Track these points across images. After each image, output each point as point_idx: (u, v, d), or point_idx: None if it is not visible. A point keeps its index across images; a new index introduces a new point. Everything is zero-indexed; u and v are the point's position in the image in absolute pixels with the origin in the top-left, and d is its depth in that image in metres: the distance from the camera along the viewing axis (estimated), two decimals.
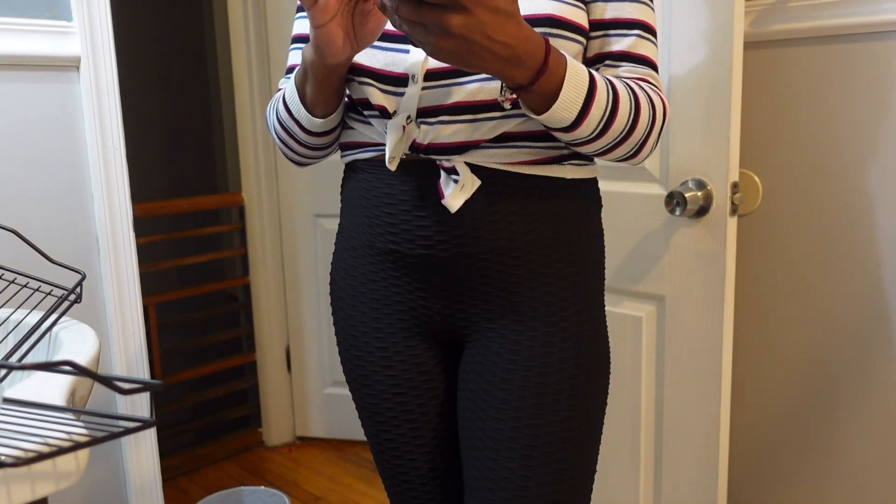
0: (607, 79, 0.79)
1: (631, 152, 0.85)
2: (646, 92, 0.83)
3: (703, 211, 1.27)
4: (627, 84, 0.82)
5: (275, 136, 0.97)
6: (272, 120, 0.96)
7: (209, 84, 3.03)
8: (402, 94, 0.84)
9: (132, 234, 1.45)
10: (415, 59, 0.83)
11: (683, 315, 1.34)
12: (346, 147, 0.94)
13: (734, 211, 1.26)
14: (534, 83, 0.72)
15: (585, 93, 0.75)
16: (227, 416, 2.73)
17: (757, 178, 1.42)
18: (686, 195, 1.25)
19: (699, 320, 1.31)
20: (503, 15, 0.66)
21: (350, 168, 0.95)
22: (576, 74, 0.75)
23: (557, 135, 0.80)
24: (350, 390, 1.02)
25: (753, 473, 1.51)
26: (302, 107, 0.87)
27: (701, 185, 1.27)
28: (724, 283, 1.27)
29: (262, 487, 2.03)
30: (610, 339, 1.18)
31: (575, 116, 0.76)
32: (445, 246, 0.85)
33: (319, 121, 0.88)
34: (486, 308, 0.89)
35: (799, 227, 1.38)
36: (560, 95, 0.74)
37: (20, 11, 1.29)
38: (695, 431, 1.34)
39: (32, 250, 0.95)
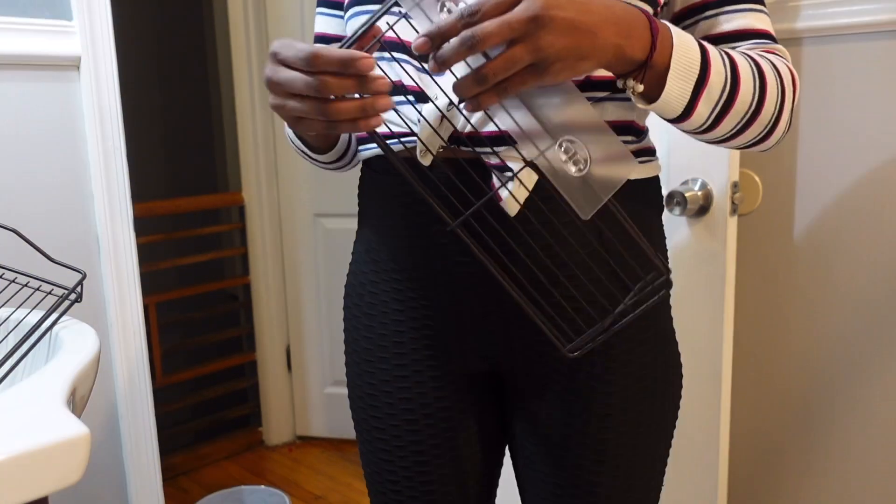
0: (722, 50, 0.68)
1: (761, 135, 0.72)
2: (770, 62, 0.71)
3: (703, 210, 1.27)
4: (746, 55, 0.70)
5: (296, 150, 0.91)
6: (289, 133, 0.90)
7: (209, 84, 3.03)
8: (442, 74, 0.69)
9: (132, 234, 1.45)
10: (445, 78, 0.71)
11: (683, 314, 1.34)
12: (363, 139, 0.83)
13: (734, 211, 1.26)
14: (652, 51, 0.61)
15: (699, 60, 0.64)
16: (228, 416, 2.74)
17: (757, 178, 1.42)
18: (686, 195, 1.25)
19: (699, 320, 1.31)
20: None
21: (369, 166, 0.84)
22: (683, 41, 0.64)
23: (674, 122, 0.68)
24: (357, 427, 0.90)
25: (753, 473, 1.51)
26: (304, 146, 0.83)
27: (701, 184, 1.27)
28: (724, 282, 1.27)
29: (263, 487, 2.03)
30: None
31: (690, 93, 0.64)
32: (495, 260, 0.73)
33: (326, 155, 0.84)
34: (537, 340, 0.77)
35: (799, 227, 1.38)
36: (671, 65, 0.63)
37: (20, 11, 1.29)
38: (695, 431, 1.34)
39: (33, 249, 0.95)
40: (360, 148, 0.84)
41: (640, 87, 0.63)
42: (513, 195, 0.71)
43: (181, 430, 2.63)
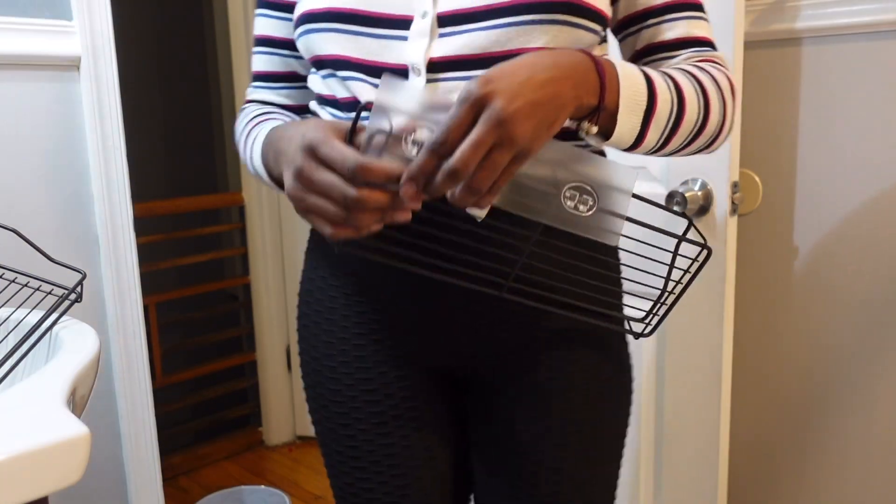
0: (664, 73, 0.71)
1: (707, 143, 0.76)
2: (709, 74, 0.74)
3: (703, 210, 1.27)
4: (686, 72, 0.73)
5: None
6: (244, 154, 0.84)
7: (209, 84, 3.03)
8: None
9: (132, 234, 1.45)
10: (415, 46, 0.71)
11: (683, 314, 1.34)
12: None
13: (734, 210, 1.26)
14: (603, 94, 0.63)
15: (646, 92, 0.66)
16: (228, 416, 2.74)
17: (757, 178, 1.42)
18: (686, 195, 1.25)
19: (699, 320, 1.31)
20: (513, 66, 0.59)
21: None
22: (628, 75, 0.66)
23: (625, 150, 0.71)
24: (318, 432, 0.88)
25: (753, 473, 1.51)
26: (272, 181, 0.78)
27: (701, 184, 1.27)
28: (724, 282, 1.27)
29: (263, 487, 2.03)
30: None
31: (640, 124, 0.67)
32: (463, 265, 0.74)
33: None
34: (503, 337, 0.79)
35: (799, 227, 1.38)
36: (621, 102, 0.65)
37: (20, 11, 1.29)
38: (695, 431, 1.34)
39: (33, 250, 0.95)
40: None
41: (594, 129, 0.65)
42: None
43: (181, 430, 2.63)
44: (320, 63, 0.76)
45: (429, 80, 0.71)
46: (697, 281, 1.31)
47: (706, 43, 0.79)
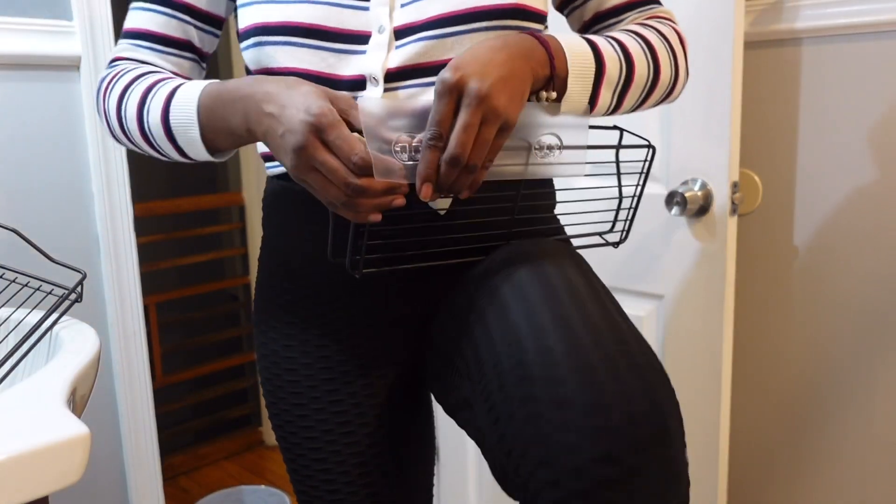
0: (608, 37, 0.75)
1: (664, 95, 0.80)
2: (654, 29, 0.78)
3: (703, 210, 1.27)
4: (631, 31, 0.77)
5: (112, 121, 0.79)
6: (118, 109, 0.77)
7: None
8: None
9: (133, 234, 1.45)
10: (373, 58, 0.72)
11: (683, 314, 1.34)
12: (271, 157, 0.81)
13: (734, 210, 1.26)
14: (553, 62, 0.68)
15: (592, 56, 0.70)
16: (228, 416, 2.74)
17: (757, 178, 1.42)
18: (686, 195, 1.25)
19: (699, 320, 1.31)
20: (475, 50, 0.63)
21: (278, 177, 0.83)
22: (572, 44, 0.70)
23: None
24: (280, 436, 0.89)
25: (753, 473, 1.51)
26: (201, 144, 0.72)
27: (701, 184, 1.27)
28: (724, 282, 1.27)
29: (263, 486, 2.03)
30: None
31: (591, 86, 0.71)
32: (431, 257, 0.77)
33: (211, 157, 0.74)
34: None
35: (799, 227, 1.38)
36: (569, 69, 0.69)
37: (20, 11, 1.29)
38: (695, 431, 1.34)
39: (33, 250, 0.95)
40: (270, 165, 0.82)
41: (554, 95, 0.70)
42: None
43: (181, 430, 2.63)
44: (267, 74, 0.74)
45: (386, 90, 0.72)
46: (698, 281, 1.31)
47: (651, 1, 0.83)
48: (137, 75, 0.78)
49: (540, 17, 0.76)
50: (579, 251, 0.81)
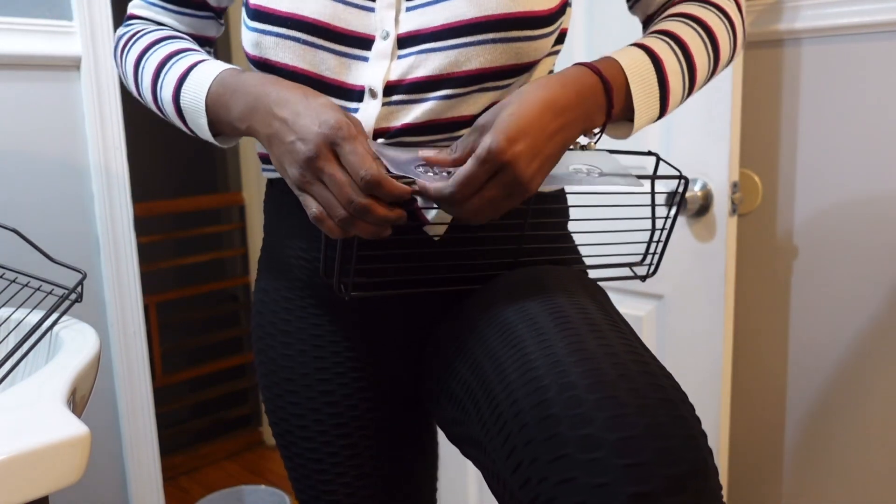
0: (667, 35, 0.72)
1: (722, 70, 0.80)
2: (714, 6, 0.76)
3: (703, 210, 1.27)
4: (690, 18, 0.74)
5: (129, 83, 0.80)
6: (135, 76, 0.78)
7: None
8: (355, 111, 0.70)
9: (133, 234, 1.45)
10: (375, 68, 0.69)
11: (683, 314, 1.34)
12: (269, 159, 0.79)
13: (734, 210, 1.26)
14: (610, 110, 0.66)
15: (655, 77, 0.68)
16: (228, 416, 2.74)
17: (757, 178, 1.42)
18: (686, 195, 1.25)
19: (699, 319, 1.31)
20: (518, 113, 0.60)
21: (273, 185, 0.82)
22: (635, 68, 0.67)
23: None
24: (281, 445, 0.87)
25: (753, 473, 1.51)
26: (208, 131, 0.73)
27: (701, 184, 1.27)
28: (724, 282, 1.27)
29: (263, 487, 2.03)
30: None
31: (658, 107, 0.70)
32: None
33: (218, 142, 0.75)
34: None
35: (799, 227, 1.38)
36: (635, 104, 0.67)
37: (21, 11, 1.29)
38: None
39: (33, 250, 0.95)
40: (266, 168, 0.81)
41: (596, 130, 0.68)
42: (438, 220, 0.72)
43: (181, 430, 2.63)
44: (265, 66, 0.72)
45: (384, 104, 0.69)
46: (697, 281, 1.31)
47: None
48: (153, 41, 0.78)
49: (550, 20, 0.71)
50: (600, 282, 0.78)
